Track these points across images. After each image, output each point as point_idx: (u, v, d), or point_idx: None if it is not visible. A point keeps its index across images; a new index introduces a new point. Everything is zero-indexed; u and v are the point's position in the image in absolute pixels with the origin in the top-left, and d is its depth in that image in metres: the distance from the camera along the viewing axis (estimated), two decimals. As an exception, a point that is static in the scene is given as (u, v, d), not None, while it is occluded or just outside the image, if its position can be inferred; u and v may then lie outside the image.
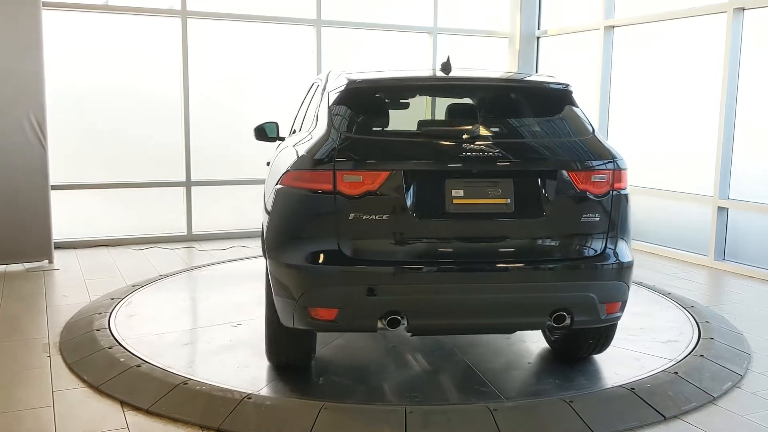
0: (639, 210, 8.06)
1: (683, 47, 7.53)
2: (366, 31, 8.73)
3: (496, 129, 3.72)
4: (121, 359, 4.03)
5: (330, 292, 3.33)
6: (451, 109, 4.18)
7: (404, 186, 3.33)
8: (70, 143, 7.42)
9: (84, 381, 3.85)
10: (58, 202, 6.85)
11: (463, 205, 3.38)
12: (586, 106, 8.41)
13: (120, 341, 4.32)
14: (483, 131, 3.54)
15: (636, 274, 6.38)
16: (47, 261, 6.55)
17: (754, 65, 6.66)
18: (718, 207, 6.88)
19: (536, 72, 9.49)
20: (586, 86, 8.65)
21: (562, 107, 3.78)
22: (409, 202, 3.33)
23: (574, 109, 3.78)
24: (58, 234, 6.79)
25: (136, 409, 3.50)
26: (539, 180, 3.44)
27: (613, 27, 8.27)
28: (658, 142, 7.79)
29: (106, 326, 4.59)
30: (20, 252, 6.43)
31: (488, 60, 9.56)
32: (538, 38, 9.48)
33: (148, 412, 3.46)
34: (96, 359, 4.08)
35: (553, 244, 3.45)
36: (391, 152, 3.46)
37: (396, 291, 3.33)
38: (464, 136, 3.45)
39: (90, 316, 4.81)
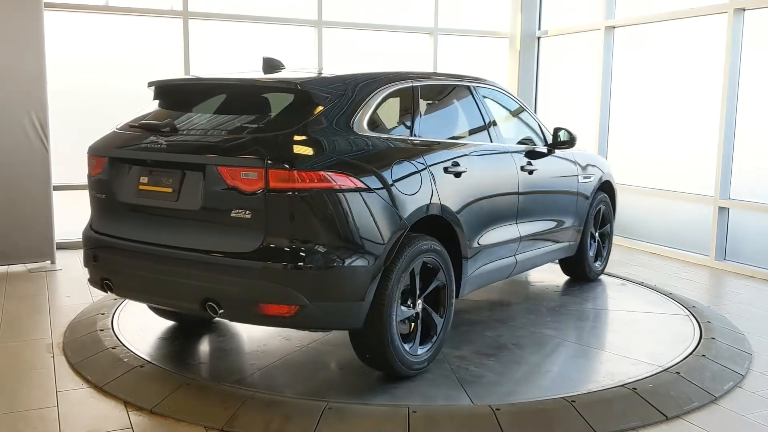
0: (640, 210, 8.09)
1: (684, 48, 7.55)
2: (367, 31, 8.74)
3: (191, 125, 3.88)
4: (125, 359, 4.05)
5: (84, 255, 4.12)
6: (171, 106, 4.18)
7: (113, 171, 3.93)
8: (71, 144, 7.41)
9: (88, 381, 3.87)
10: (60, 202, 6.84)
11: (145, 192, 3.80)
12: (586, 107, 8.54)
13: (123, 341, 4.33)
14: (176, 126, 3.80)
15: (637, 274, 6.47)
16: (49, 261, 6.56)
17: (755, 66, 6.67)
18: (719, 207, 6.90)
19: (536, 71, 9.51)
20: (586, 86, 8.68)
21: (290, 105, 3.73)
22: (115, 185, 3.93)
23: (304, 107, 3.66)
24: (60, 234, 6.78)
25: (139, 409, 3.52)
26: (198, 174, 3.56)
27: (614, 27, 8.28)
28: (659, 142, 7.80)
29: (110, 326, 4.60)
30: (22, 252, 6.44)
31: (489, 61, 9.58)
32: (538, 38, 9.49)
33: (151, 413, 3.48)
34: (99, 359, 4.10)
35: (204, 235, 3.56)
36: (110, 142, 4.05)
37: (103, 260, 3.99)
38: (159, 130, 3.79)
39: (93, 317, 4.83)
